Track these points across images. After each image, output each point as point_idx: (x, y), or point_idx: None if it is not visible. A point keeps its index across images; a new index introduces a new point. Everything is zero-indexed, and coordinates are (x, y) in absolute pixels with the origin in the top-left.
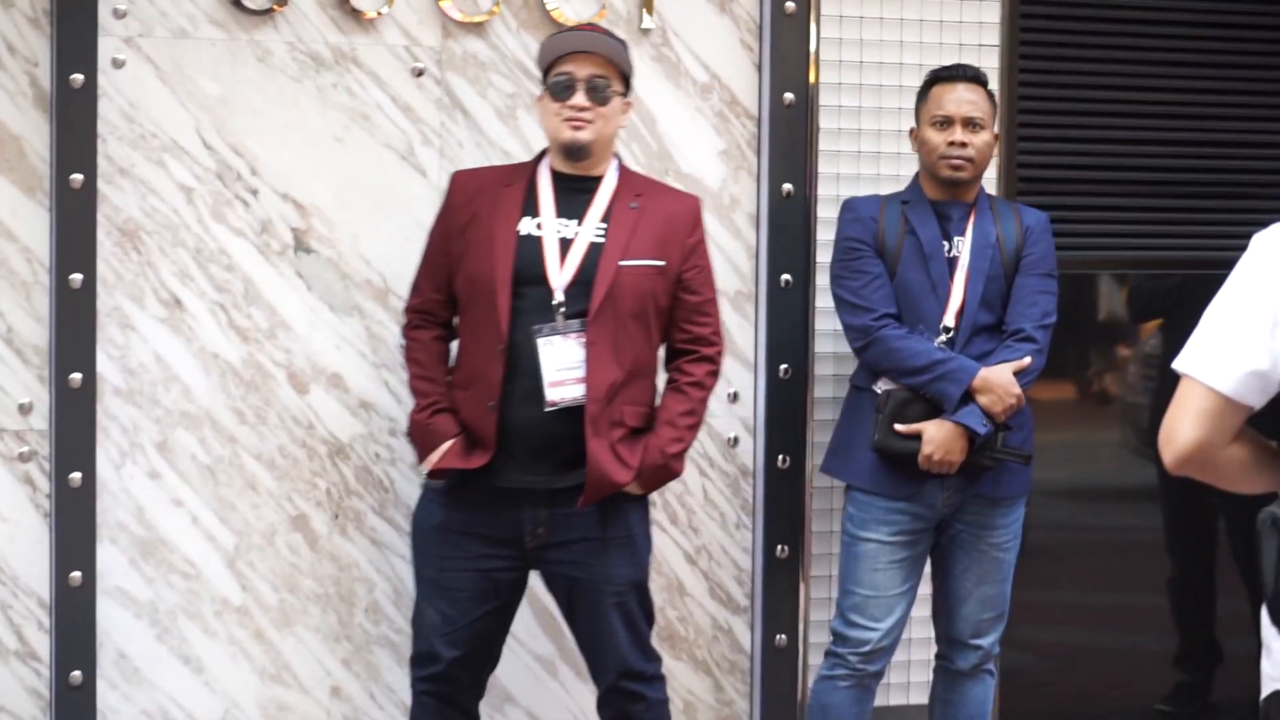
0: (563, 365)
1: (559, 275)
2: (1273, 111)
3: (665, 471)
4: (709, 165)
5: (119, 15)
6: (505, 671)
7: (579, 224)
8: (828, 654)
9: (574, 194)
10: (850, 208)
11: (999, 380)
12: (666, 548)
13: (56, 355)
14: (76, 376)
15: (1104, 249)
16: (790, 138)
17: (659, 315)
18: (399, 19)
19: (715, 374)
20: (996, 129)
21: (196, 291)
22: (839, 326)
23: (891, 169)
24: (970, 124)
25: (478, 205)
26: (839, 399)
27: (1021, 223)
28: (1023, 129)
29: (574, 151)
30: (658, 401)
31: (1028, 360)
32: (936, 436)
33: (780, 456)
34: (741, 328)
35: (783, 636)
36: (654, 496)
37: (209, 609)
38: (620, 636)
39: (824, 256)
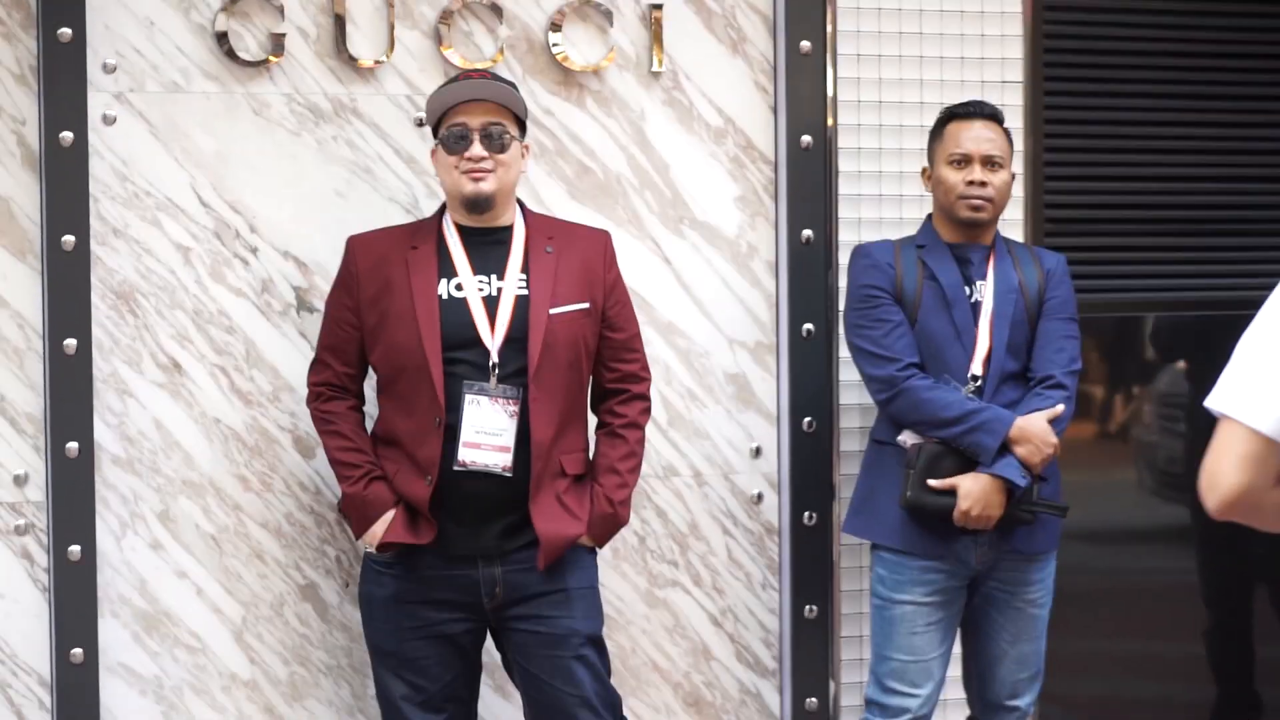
0: (483, 428)
1: (491, 336)
2: None
3: (614, 520)
4: (725, 212)
5: (109, 70)
6: None
7: (499, 279)
8: None
9: (487, 247)
10: (865, 254)
11: (1036, 430)
12: (691, 610)
13: (51, 424)
14: (73, 446)
15: (1134, 290)
16: (809, 182)
17: (589, 358)
18: (399, 67)
19: (648, 411)
20: (1020, 168)
21: (196, 354)
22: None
23: (915, 212)
24: (989, 162)
25: (389, 272)
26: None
27: (1041, 266)
28: (1049, 168)
29: (477, 204)
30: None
31: (1061, 408)
32: (973, 491)
33: (806, 513)
34: (763, 380)
35: (813, 700)
36: (677, 556)
37: (216, 684)
38: (587, 688)
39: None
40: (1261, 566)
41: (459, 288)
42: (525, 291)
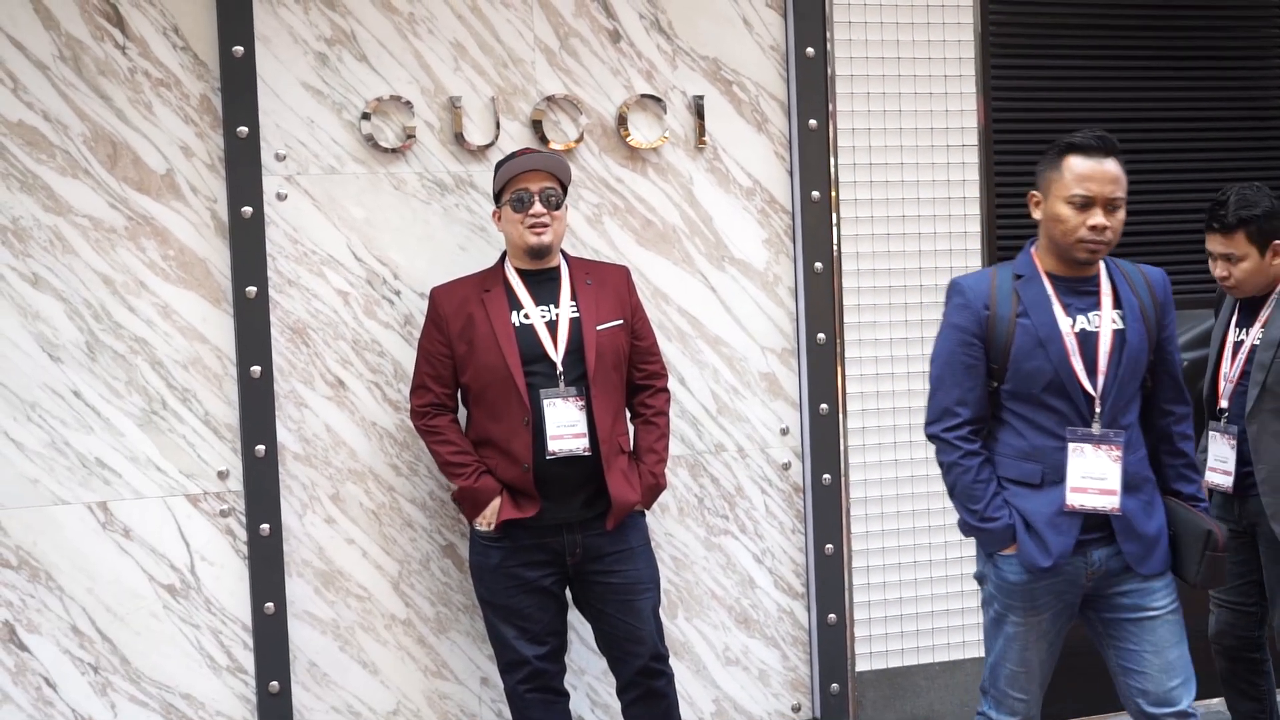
0: (562, 422)
1: (555, 351)
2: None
3: (657, 488)
4: (755, 251)
5: (279, 158)
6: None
7: (555, 307)
8: (979, 714)
9: (542, 284)
10: (959, 290)
11: None
12: (739, 551)
13: (244, 431)
14: (261, 447)
15: None
16: (818, 226)
17: (625, 360)
18: (504, 149)
19: (670, 399)
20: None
21: (355, 373)
22: (864, 373)
23: (900, 246)
24: (1110, 204)
25: (470, 309)
26: (867, 428)
27: (1153, 287)
28: (999, 210)
29: (539, 252)
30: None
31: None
32: None
33: (824, 475)
34: (788, 377)
35: (833, 615)
36: (727, 512)
37: (380, 623)
38: (650, 625)
39: (850, 318)
40: None
41: (526, 317)
42: (576, 315)
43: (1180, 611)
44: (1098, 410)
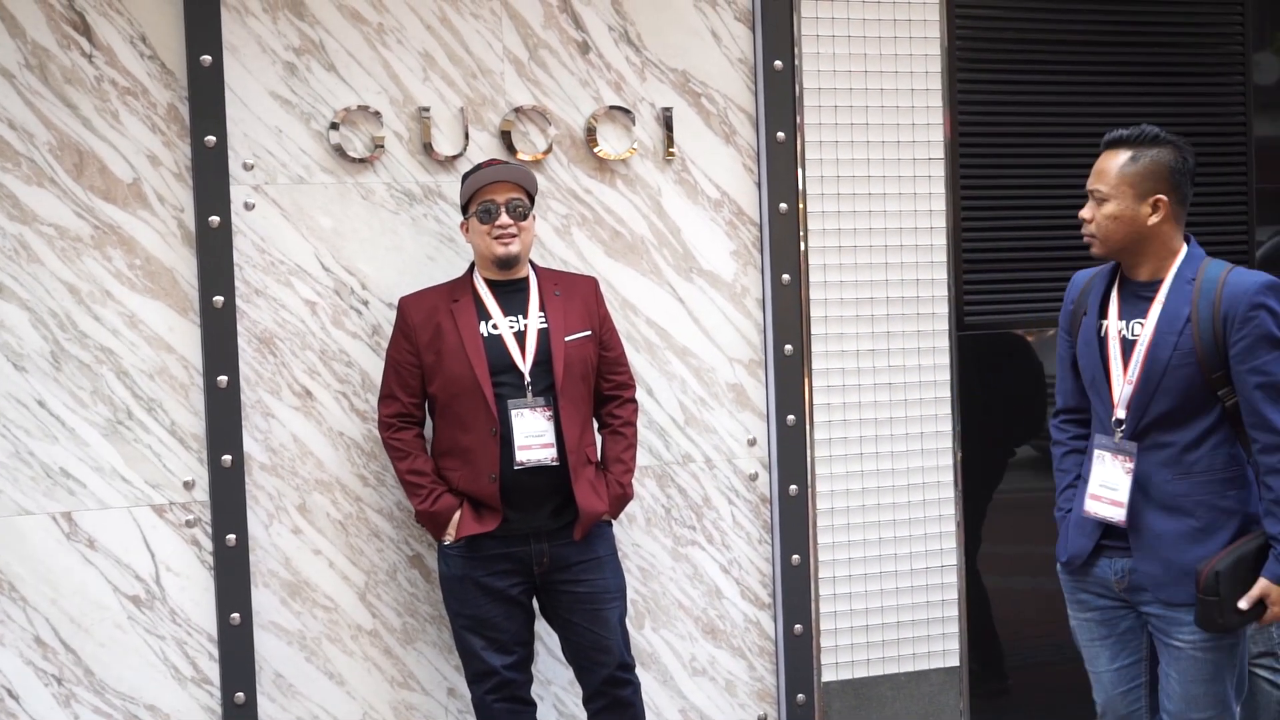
0: (530, 433)
1: (523, 361)
2: None
3: (625, 498)
4: (723, 263)
5: (247, 167)
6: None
7: (524, 318)
8: None
9: (511, 295)
10: (1070, 283)
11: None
12: (706, 562)
13: (210, 441)
14: (228, 458)
15: (1026, 311)
16: (785, 238)
17: (593, 371)
18: (473, 159)
19: (637, 409)
20: (1121, 203)
21: (323, 384)
22: (831, 384)
23: (866, 257)
24: (1092, 196)
25: (439, 319)
26: (834, 439)
27: (1221, 301)
28: (965, 223)
29: (506, 262)
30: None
31: None
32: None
33: (791, 486)
34: (755, 388)
35: (799, 626)
36: (694, 522)
37: (346, 634)
38: (617, 635)
39: (817, 330)
40: None
41: (495, 327)
42: (545, 326)
43: (1219, 649)
44: (1118, 417)
